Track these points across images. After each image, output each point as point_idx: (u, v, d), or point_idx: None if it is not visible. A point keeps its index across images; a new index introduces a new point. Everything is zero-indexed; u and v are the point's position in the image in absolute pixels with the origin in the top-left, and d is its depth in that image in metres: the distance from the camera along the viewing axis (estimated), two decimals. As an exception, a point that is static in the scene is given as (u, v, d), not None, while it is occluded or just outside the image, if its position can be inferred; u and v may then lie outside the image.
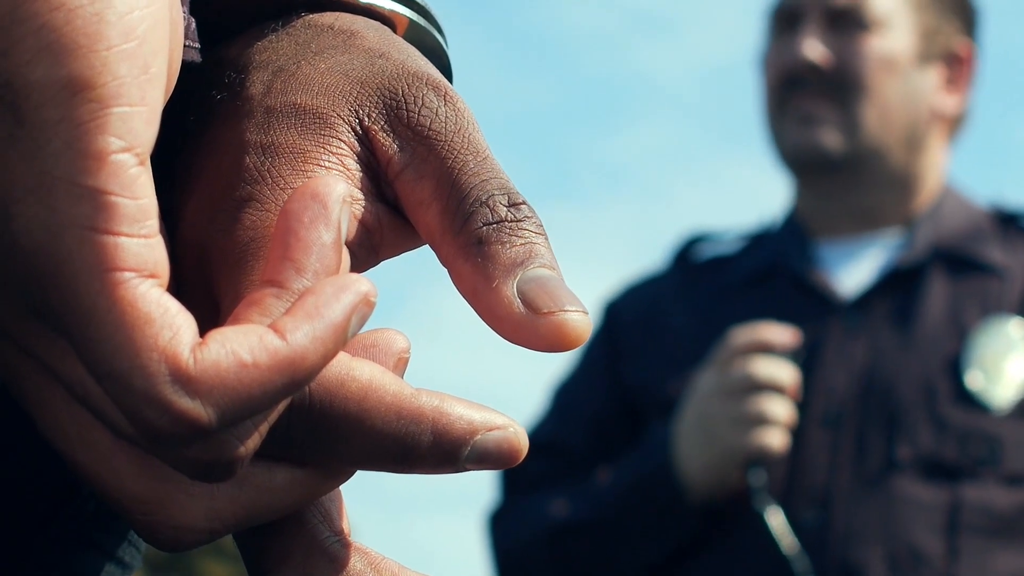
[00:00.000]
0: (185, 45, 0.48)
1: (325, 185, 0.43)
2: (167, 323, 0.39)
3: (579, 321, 0.45)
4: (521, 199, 0.47)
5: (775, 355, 1.79)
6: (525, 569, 1.94)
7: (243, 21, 0.51)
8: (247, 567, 0.47)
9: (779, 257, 1.98)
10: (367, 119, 0.48)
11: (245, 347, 0.40)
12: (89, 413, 0.43)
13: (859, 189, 1.95)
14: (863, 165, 1.93)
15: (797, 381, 1.80)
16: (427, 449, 0.45)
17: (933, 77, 1.97)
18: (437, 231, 0.47)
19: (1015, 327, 1.86)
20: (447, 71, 0.55)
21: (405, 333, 0.47)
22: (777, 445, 1.77)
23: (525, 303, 0.45)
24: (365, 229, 0.48)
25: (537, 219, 0.47)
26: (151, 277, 0.40)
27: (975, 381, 1.83)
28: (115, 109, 0.40)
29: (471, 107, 0.49)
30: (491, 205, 0.47)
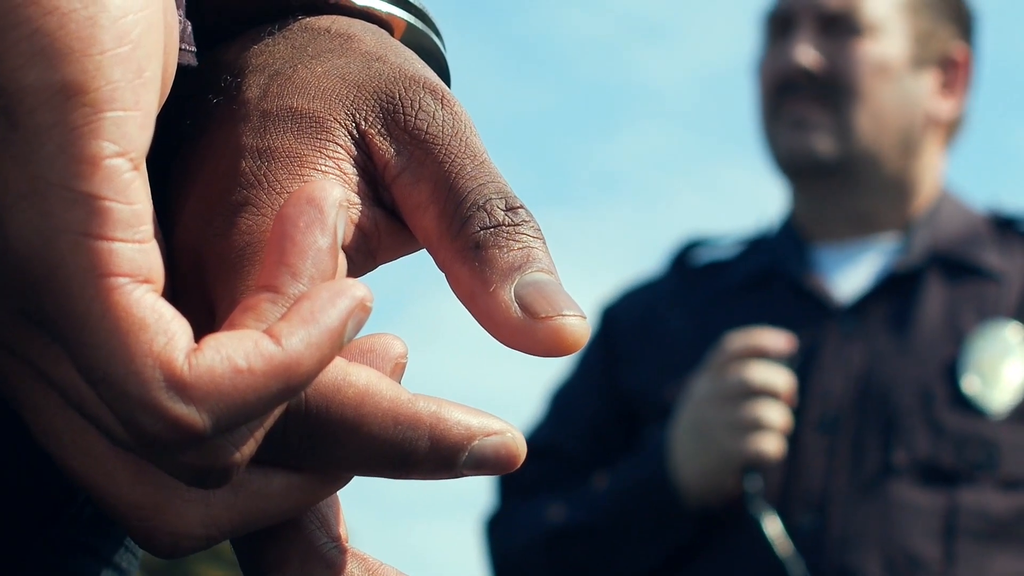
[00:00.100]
0: (181, 49, 0.47)
1: (321, 189, 0.43)
2: (162, 329, 0.39)
3: (577, 326, 0.44)
4: (519, 203, 0.47)
5: (771, 360, 1.79)
6: (522, 573, 1.94)
7: (239, 24, 0.51)
8: (244, 573, 0.47)
9: (776, 262, 1.98)
10: (364, 123, 0.48)
11: (240, 353, 0.40)
12: (84, 419, 0.42)
13: (854, 194, 1.95)
14: (857, 170, 1.93)
15: (793, 386, 1.80)
16: (424, 455, 0.45)
17: (928, 82, 1.97)
18: (434, 235, 0.47)
19: (1012, 331, 1.86)
20: (445, 75, 0.55)
21: (402, 338, 0.47)
22: (773, 450, 1.77)
23: (523, 307, 0.45)
24: (362, 233, 0.48)
25: (535, 223, 0.47)
26: (146, 282, 0.40)
27: (972, 386, 1.83)
28: (109, 113, 0.39)
29: (468, 111, 0.49)
30: (488, 209, 0.46)
